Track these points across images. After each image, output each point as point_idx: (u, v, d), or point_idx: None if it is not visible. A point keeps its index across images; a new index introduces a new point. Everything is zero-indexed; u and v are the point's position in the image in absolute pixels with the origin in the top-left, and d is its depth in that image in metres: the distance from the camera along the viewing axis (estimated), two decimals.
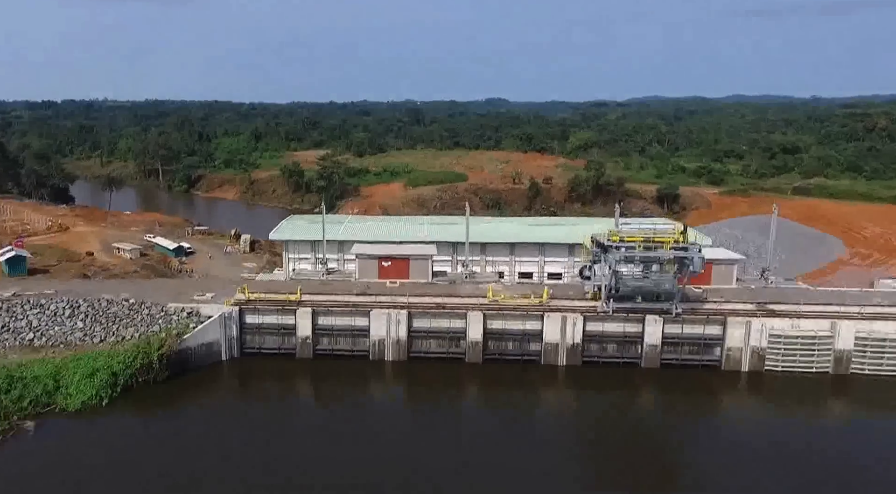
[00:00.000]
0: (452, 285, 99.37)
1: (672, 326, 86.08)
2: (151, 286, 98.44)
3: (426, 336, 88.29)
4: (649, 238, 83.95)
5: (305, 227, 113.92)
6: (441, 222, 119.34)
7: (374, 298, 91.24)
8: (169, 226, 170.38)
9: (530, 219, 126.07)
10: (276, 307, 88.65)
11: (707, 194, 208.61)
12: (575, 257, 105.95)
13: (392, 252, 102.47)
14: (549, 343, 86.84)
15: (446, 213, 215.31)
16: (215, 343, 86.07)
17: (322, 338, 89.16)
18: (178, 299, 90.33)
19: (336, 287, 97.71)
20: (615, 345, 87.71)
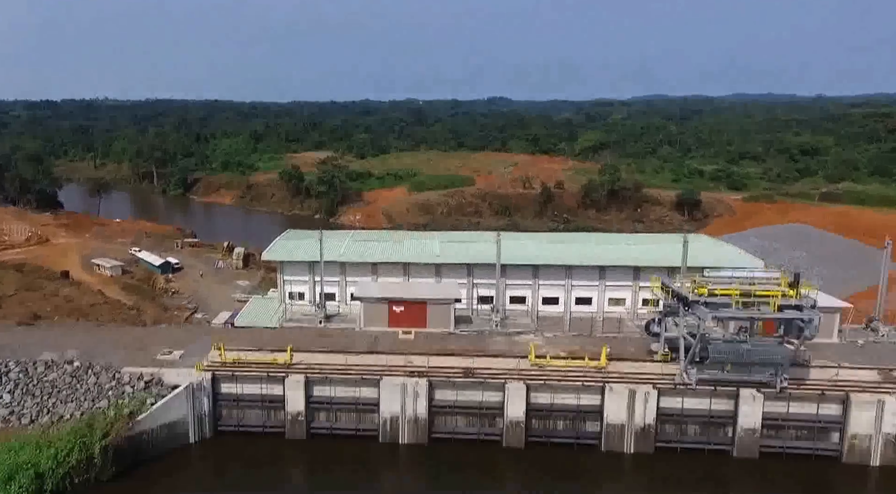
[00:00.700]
0: (480, 336, 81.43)
1: (775, 404, 66.05)
2: (109, 337, 77.39)
3: (452, 411, 68.92)
4: (748, 291, 64.57)
5: (302, 246, 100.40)
6: (454, 239, 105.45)
7: (384, 360, 71.26)
8: (158, 237, 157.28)
9: (552, 236, 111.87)
10: (259, 372, 68.73)
11: (729, 200, 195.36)
12: (641, 281, 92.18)
13: (405, 294, 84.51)
14: (612, 423, 67.17)
15: (454, 220, 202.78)
16: (181, 421, 66.12)
17: (318, 414, 70.12)
18: (135, 359, 70.96)
19: (336, 339, 78.78)
20: (698, 427, 67.91)
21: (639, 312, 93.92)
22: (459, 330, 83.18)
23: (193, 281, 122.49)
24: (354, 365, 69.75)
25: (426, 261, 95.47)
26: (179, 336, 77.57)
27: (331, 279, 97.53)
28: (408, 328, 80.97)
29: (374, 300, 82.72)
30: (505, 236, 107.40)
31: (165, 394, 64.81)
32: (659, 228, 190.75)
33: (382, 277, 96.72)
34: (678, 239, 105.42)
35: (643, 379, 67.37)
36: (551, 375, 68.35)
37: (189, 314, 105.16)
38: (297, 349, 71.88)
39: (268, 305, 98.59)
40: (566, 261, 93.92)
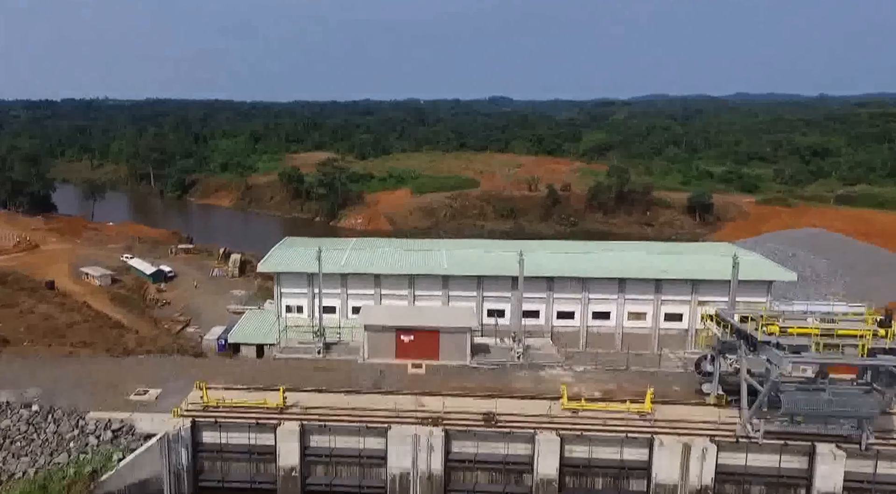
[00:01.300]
0: (501, 370, 70.57)
1: (859, 463, 55.22)
2: (80, 370, 65.38)
3: (472, 466, 58.54)
4: (829, 330, 53.40)
5: (301, 256, 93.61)
6: (462, 248, 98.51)
7: (392, 403, 60.35)
8: (152, 242, 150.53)
9: (566, 245, 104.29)
10: (247, 419, 57.93)
11: (742, 203, 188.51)
12: (700, 295, 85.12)
13: (414, 321, 74.35)
14: (662, 483, 56.53)
15: (458, 223, 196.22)
16: (154, 479, 55.12)
17: (316, 467, 59.55)
18: (105, 400, 59.62)
19: (336, 373, 67.48)
20: (764, 488, 56.99)
21: (661, 328, 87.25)
22: (476, 362, 72.79)
23: (187, 291, 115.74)
24: (357, 410, 59.42)
25: (433, 273, 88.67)
26: (159, 368, 66.86)
27: (331, 291, 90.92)
28: (418, 360, 70.72)
29: (380, 328, 72.48)
30: (514, 246, 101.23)
31: (136, 447, 54.76)
32: (669, 232, 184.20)
33: (386, 289, 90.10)
34: (703, 248, 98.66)
35: (697, 429, 57.28)
36: (588, 423, 58.47)
37: (181, 328, 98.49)
38: (291, 386, 61.77)
39: (263, 319, 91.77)
40: (583, 273, 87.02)
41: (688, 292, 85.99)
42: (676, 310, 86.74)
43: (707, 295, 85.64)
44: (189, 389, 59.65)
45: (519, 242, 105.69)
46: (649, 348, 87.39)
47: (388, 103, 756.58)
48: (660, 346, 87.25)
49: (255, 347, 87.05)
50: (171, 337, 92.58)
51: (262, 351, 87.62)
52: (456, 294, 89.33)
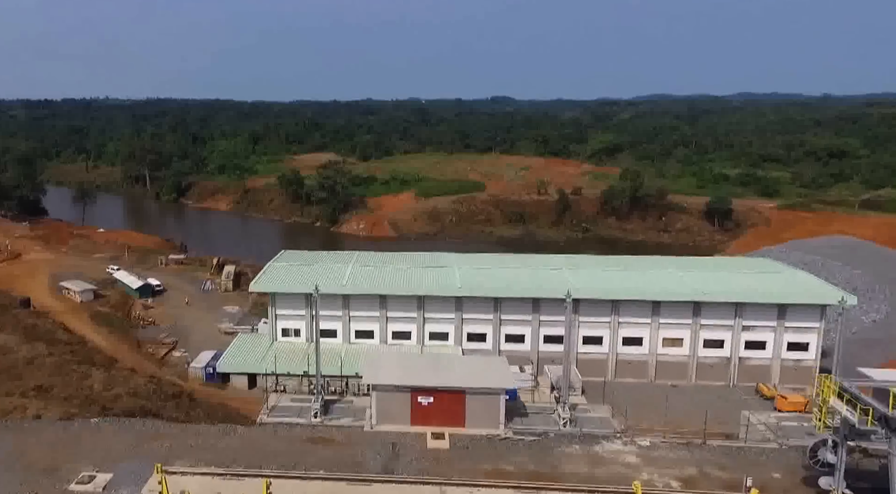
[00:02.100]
0: (545, 443, 53.86)
1: None
2: (14, 442, 49.06)
3: None
4: None
5: (298, 274, 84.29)
6: (475, 264, 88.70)
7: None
8: (142, 251, 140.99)
9: (589, 260, 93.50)
10: None
11: (763, 208, 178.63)
12: (786, 321, 75.64)
13: (434, 380, 58.22)
14: None
15: (465, 229, 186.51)
16: None
17: None
18: (36, 491, 43.77)
19: (337, 448, 51.45)
20: None
21: (700, 356, 77.70)
22: (513, 431, 57.00)
23: (176, 308, 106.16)
24: None
25: (445, 295, 79.19)
26: (116, 438, 50.18)
27: (332, 313, 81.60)
28: (439, 428, 55.33)
29: (392, 388, 57.26)
30: (533, 261, 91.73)
31: None
32: (686, 239, 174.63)
33: (393, 311, 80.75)
34: (742, 264, 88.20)
35: None
36: None
37: (166, 352, 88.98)
38: (279, 468, 47.07)
39: (256, 344, 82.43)
40: (613, 295, 77.52)
41: (730, 316, 76.67)
42: (717, 336, 77.36)
43: (753, 320, 76.44)
44: (148, 472, 44.27)
45: (536, 256, 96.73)
46: (686, 378, 78.08)
47: (389, 103, 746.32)
48: (698, 376, 77.97)
49: (246, 377, 78.17)
50: (154, 364, 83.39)
51: (255, 380, 78.45)
52: (471, 316, 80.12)
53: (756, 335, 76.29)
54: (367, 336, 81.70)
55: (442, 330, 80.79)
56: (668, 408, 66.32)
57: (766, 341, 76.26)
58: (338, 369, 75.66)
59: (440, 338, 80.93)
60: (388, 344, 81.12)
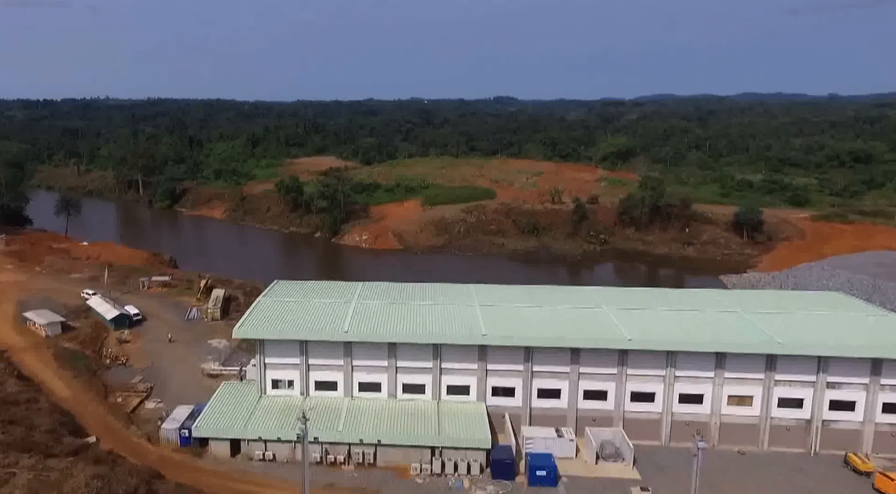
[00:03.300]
0: None
1: None
2: None
3: None
4: None
5: (291, 313, 70.59)
6: (498, 300, 74.95)
7: None
8: (124, 270, 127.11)
9: (636, 296, 78.27)
10: None
11: (794, 219, 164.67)
12: (882, 377, 62.04)
13: None
14: None
15: (474, 241, 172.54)
16: None
17: None
18: None
19: None
20: None
21: (774, 418, 63.93)
22: None
23: (155, 342, 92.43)
24: None
25: (466, 343, 65.46)
26: None
27: (332, 363, 68.01)
28: None
29: None
30: (565, 297, 77.80)
31: None
32: (713, 252, 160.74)
33: (404, 361, 67.09)
34: (817, 301, 72.25)
35: None
36: None
37: (138, 402, 75.23)
38: None
39: (242, 397, 68.70)
40: (669, 345, 63.74)
41: (811, 370, 62.87)
42: (795, 394, 63.60)
43: (840, 375, 62.69)
44: None
45: (567, 290, 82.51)
46: (757, 443, 64.36)
47: (391, 103, 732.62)
48: (771, 441, 64.22)
49: (228, 442, 64.53)
50: (122, 421, 69.67)
51: (239, 446, 64.89)
52: (497, 367, 66.49)
53: (844, 393, 62.66)
54: (372, 389, 68.08)
55: (462, 383, 67.21)
56: (738, 482, 53.04)
57: (855, 401, 62.56)
58: (337, 431, 62.21)
59: (459, 393, 67.37)
60: (398, 399, 67.49)
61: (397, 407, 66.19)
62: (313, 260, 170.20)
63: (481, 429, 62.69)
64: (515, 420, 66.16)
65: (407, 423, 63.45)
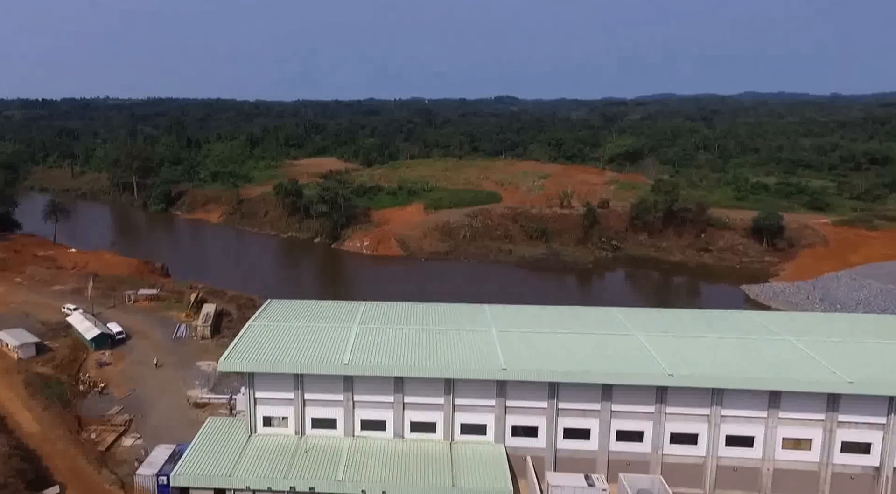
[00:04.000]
0: None
1: None
2: None
3: None
4: None
5: (284, 340, 62.37)
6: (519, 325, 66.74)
7: None
8: (111, 281, 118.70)
9: (683, 319, 69.27)
10: None
11: (816, 224, 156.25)
12: (841, 413, 54.07)
13: None
14: None
15: (480, 247, 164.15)
16: None
17: None
18: None
19: None
20: None
21: (836, 464, 55.61)
22: None
23: (138, 365, 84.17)
24: None
25: (484, 378, 57.19)
26: None
27: (331, 398, 59.76)
28: None
29: None
30: (590, 320, 69.45)
31: None
32: (732, 259, 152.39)
33: (412, 396, 58.86)
34: (874, 325, 63.13)
35: None
36: None
37: (114, 438, 66.92)
38: None
39: (229, 438, 60.34)
40: (715, 381, 55.40)
41: (881, 410, 54.50)
42: (861, 437, 55.27)
43: None
44: None
45: (592, 311, 73.95)
46: (816, 493, 55.98)
47: (392, 102, 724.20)
48: (832, 490, 55.87)
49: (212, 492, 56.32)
50: (93, 463, 61.40)
51: None
52: (517, 404, 58.19)
53: None
54: (377, 427, 59.80)
55: (478, 421, 58.94)
56: None
57: None
58: (337, 480, 53.95)
59: (474, 432, 59.11)
60: (406, 439, 59.22)
61: (405, 449, 57.93)
62: (312, 268, 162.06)
63: (500, 476, 54.50)
64: (539, 463, 57.92)
65: (416, 470, 55.21)
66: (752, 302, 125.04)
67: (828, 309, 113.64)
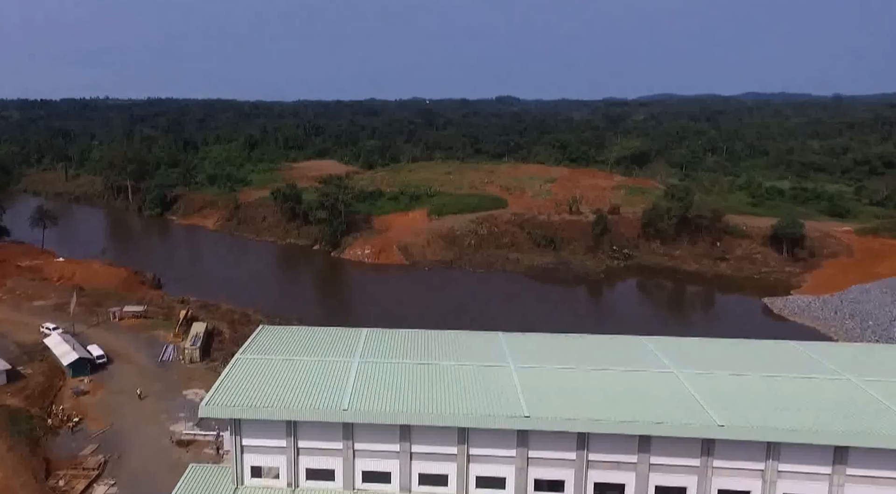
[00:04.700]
0: None
1: None
2: None
3: None
4: None
5: (275, 379, 54.65)
6: (533, 351, 59.38)
7: None
8: (97, 295, 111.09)
9: (729, 351, 61.88)
10: None
11: (838, 233, 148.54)
12: None
13: None
14: None
15: (486, 256, 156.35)
16: None
17: None
18: None
19: None
20: None
21: None
22: None
23: (118, 393, 76.56)
24: None
25: (503, 428, 49.43)
26: None
27: (329, 446, 51.97)
28: None
29: None
30: (620, 350, 61.84)
31: None
32: (749, 269, 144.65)
33: (420, 445, 51.05)
34: None
35: None
36: None
37: (84, 487, 59.23)
38: None
39: (212, 489, 52.54)
40: (775, 434, 47.61)
41: None
42: None
43: None
44: None
45: (622, 340, 66.17)
46: None
47: (393, 103, 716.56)
48: None
49: None
50: None
51: None
52: (541, 455, 50.28)
53: None
54: (380, 479, 52.00)
55: (496, 473, 51.11)
56: None
57: None
58: None
59: (492, 486, 51.28)
60: (413, 493, 51.51)
61: None
62: (312, 279, 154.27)
63: None
64: None
65: None
66: (776, 316, 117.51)
67: (859, 326, 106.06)
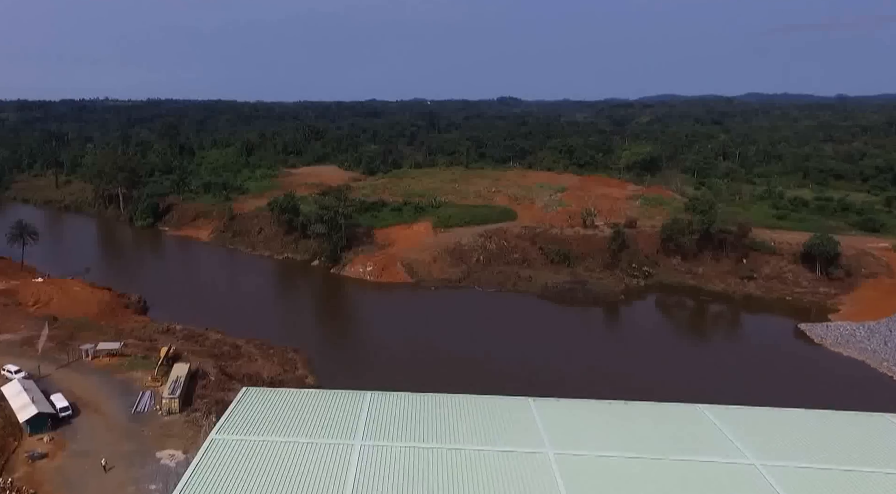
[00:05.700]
0: None
1: None
2: None
3: None
4: None
5: (255, 473, 43.34)
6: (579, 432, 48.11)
7: None
8: (71, 326, 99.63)
9: (820, 425, 51.66)
10: None
11: (875, 249, 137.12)
12: None
13: None
14: None
15: (496, 273, 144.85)
16: None
17: None
18: None
19: None
20: None
21: None
22: None
23: (82, 458, 65.08)
24: None
25: None
26: None
27: None
28: None
29: None
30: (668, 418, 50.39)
31: None
32: (780, 290, 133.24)
33: None
34: None
35: None
36: None
37: None
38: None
39: None
40: None
41: None
42: None
43: None
44: None
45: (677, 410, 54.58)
46: None
47: (394, 104, 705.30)
48: None
49: None
50: None
51: None
52: None
53: None
54: None
55: None
56: None
57: None
58: None
59: None
60: None
61: None
62: (310, 300, 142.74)
63: None
64: None
65: None
66: (816, 346, 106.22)
67: None
